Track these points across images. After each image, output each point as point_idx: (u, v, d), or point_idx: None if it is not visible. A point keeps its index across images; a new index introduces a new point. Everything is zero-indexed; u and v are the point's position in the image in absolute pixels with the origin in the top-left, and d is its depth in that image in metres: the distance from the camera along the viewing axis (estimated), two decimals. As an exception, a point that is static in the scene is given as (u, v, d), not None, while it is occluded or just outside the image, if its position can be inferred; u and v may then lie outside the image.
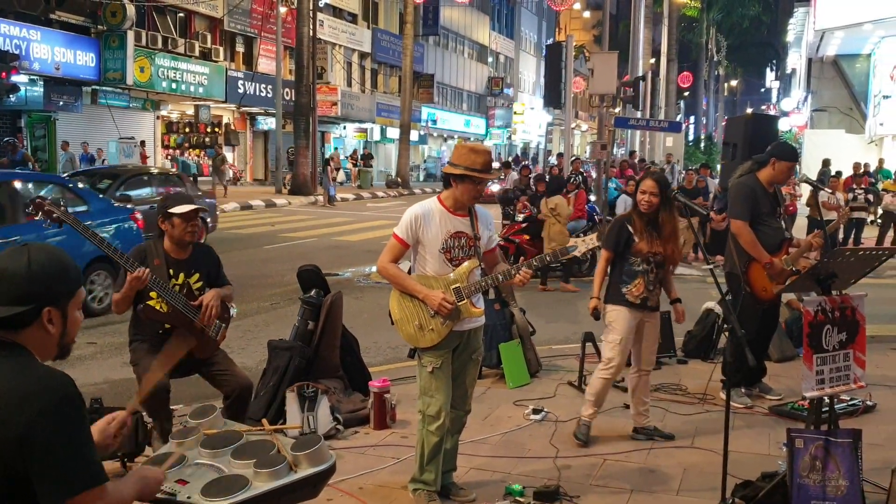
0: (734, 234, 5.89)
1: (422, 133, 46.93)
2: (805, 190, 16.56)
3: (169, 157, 29.11)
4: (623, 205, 12.90)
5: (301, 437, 2.69)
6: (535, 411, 5.80)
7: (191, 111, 30.08)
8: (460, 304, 4.11)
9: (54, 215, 4.15)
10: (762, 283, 5.81)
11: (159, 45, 26.39)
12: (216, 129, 30.83)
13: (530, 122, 61.91)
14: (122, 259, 4.32)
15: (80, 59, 23.57)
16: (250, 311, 9.72)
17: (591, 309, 5.24)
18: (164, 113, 29.41)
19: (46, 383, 1.93)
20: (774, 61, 72.74)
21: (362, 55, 41.40)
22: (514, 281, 4.14)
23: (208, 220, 5.06)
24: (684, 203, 4.42)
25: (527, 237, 12.31)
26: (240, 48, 32.38)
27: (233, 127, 32.35)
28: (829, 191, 14.82)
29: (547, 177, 15.97)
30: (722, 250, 7.54)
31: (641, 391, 5.35)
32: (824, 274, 4.09)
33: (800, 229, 18.04)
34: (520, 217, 12.86)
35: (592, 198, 16.44)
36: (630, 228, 5.10)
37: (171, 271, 4.54)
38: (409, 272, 4.29)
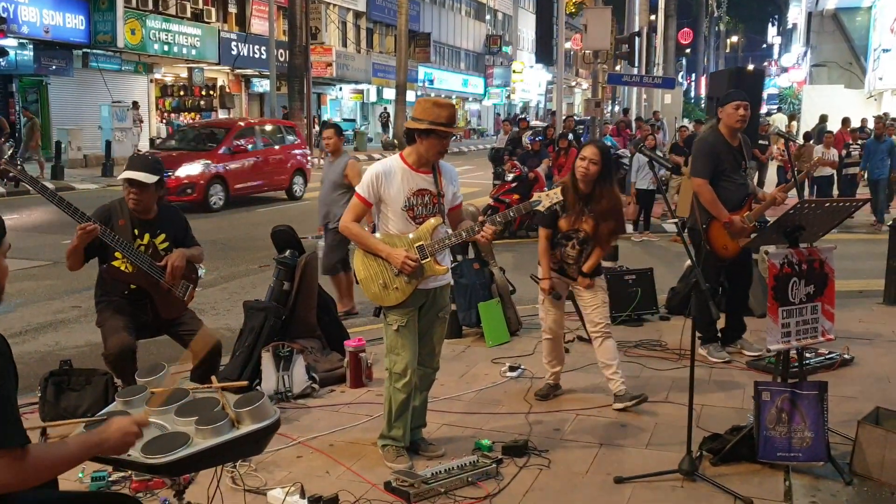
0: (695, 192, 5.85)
1: (419, 93, 46.41)
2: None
3: (164, 122, 28.82)
4: (637, 164, 12.66)
5: (244, 395, 2.68)
6: (512, 368, 5.81)
7: (185, 74, 29.78)
8: (424, 262, 4.07)
9: (10, 174, 4.12)
10: (722, 240, 5.77)
11: (150, 6, 26.04)
12: (211, 92, 30.50)
13: (530, 80, 61.33)
14: (73, 213, 4.28)
15: (69, 22, 23.29)
16: (238, 274, 9.72)
17: (548, 290, 5.07)
18: (157, 76, 29.07)
19: None
20: (776, 16, 71.98)
21: (357, 14, 40.91)
22: (478, 238, 4.10)
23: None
24: (649, 156, 4.36)
25: (516, 197, 12.25)
26: (232, 9, 31.94)
27: (227, 89, 32.03)
28: (815, 145, 14.65)
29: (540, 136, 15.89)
30: None
31: (598, 354, 5.12)
32: (791, 226, 4.06)
33: (771, 183, 17.93)
34: (509, 177, 12.79)
35: None
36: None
37: (135, 231, 4.51)
38: (374, 231, 4.26)
